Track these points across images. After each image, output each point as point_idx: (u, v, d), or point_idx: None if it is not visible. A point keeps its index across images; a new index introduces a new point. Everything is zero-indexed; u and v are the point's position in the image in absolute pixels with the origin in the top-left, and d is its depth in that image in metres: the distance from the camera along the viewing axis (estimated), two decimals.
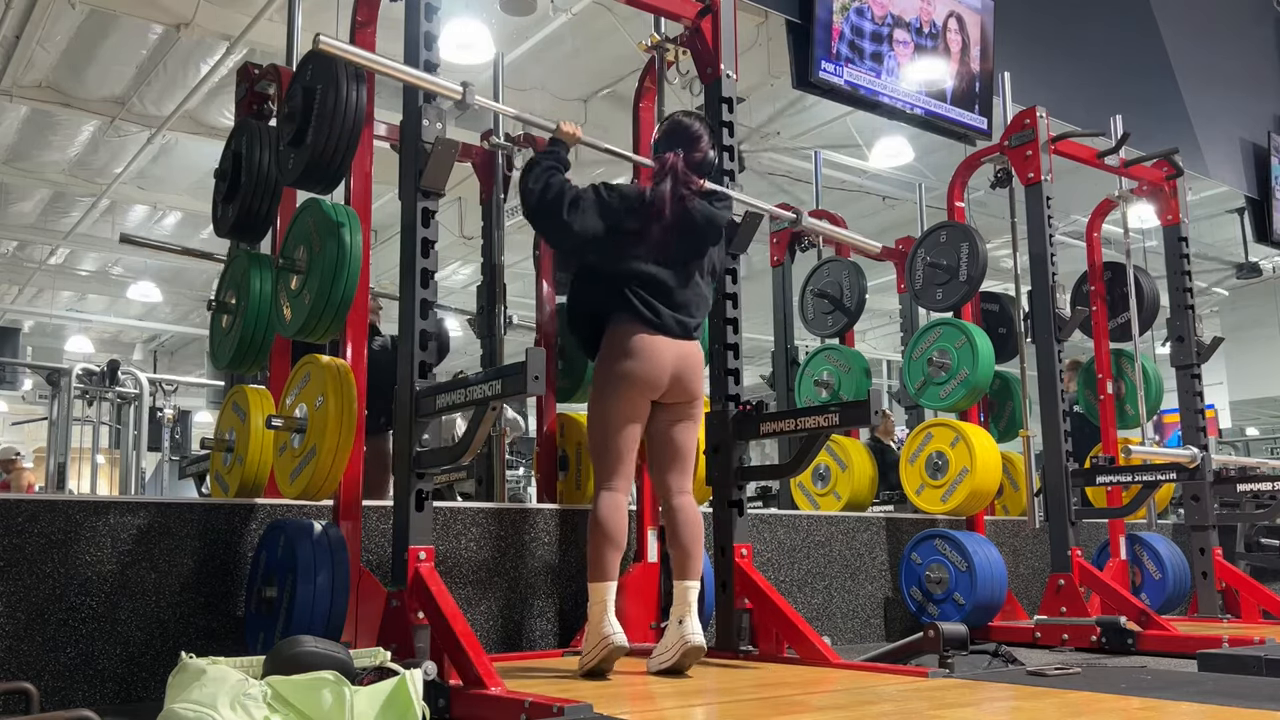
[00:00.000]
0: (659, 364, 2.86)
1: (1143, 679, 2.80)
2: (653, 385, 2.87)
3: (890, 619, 4.55)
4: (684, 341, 2.93)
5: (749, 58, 6.27)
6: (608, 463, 2.88)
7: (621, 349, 2.86)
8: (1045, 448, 4.28)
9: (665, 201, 2.91)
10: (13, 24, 6.76)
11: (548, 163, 2.93)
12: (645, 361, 2.84)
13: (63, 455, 8.18)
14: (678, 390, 2.92)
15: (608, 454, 2.88)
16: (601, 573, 2.79)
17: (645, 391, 2.87)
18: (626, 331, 2.87)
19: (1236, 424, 13.92)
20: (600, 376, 2.93)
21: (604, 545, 2.80)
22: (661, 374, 2.87)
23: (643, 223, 2.90)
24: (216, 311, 3.29)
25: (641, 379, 2.85)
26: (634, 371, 2.84)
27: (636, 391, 2.86)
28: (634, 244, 2.90)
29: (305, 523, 2.81)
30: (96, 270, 12.74)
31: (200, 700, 1.77)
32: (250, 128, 3.34)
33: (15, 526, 2.69)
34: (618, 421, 2.86)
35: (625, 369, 2.84)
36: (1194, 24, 7.30)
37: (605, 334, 2.91)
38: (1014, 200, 4.68)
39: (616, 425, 2.86)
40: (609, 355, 2.89)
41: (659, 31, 3.63)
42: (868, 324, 12.42)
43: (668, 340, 2.89)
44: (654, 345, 2.86)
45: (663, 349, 2.87)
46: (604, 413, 2.89)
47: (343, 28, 3.19)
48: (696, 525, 2.96)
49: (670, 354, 2.88)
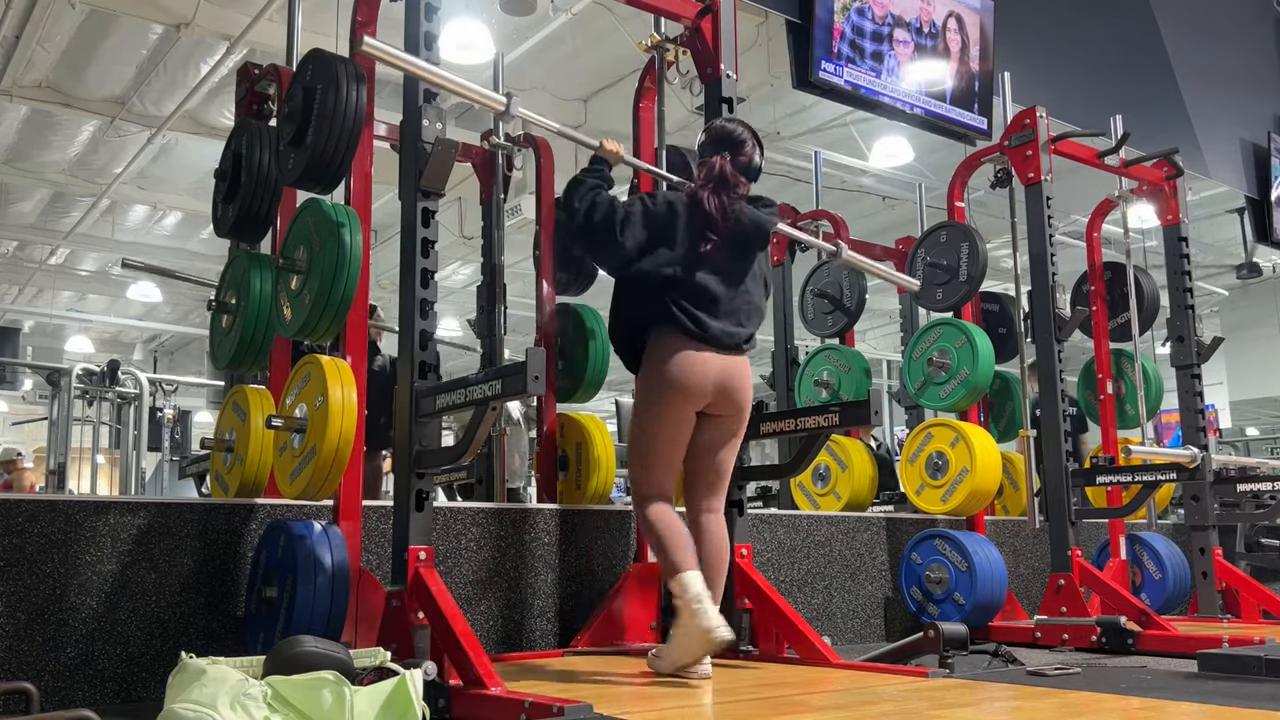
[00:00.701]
0: (703, 376, 2.78)
1: (1143, 679, 2.80)
2: (697, 397, 2.80)
3: (890, 619, 4.55)
4: (731, 354, 2.85)
5: (749, 58, 6.28)
6: (654, 476, 2.81)
7: (665, 361, 2.78)
8: (1045, 448, 4.27)
9: (714, 208, 2.85)
10: (13, 24, 6.76)
11: (592, 181, 2.87)
12: (689, 374, 2.77)
13: (63, 455, 8.18)
14: (723, 403, 2.85)
15: (653, 468, 2.81)
16: (677, 564, 2.68)
17: (690, 403, 2.80)
18: (670, 345, 2.79)
19: (1236, 424, 13.92)
20: (644, 389, 2.85)
21: (671, 541, 2.72)
22: (706, 386, 2.79)
23: (690, 231, 2.84)
24: (216, 311, 3.29)
25: (686, 391, 2.77)
26: (678, 383, 2.76)
27: (681, 403, 2.78)
28: (681, 252, 2.83)
29: (305, 523, 2.81)
30: (96, 270, 12.75)
31: (200, 700, 1.77)
32: (250, 128, 3.34)
33: (15, 526, 2.69)
34: (664, 435, 2.79)
35: (670, 381, 2.77)
36: (1194, 24, 7.30)
37: (649, 345, 2.84)
38: (1014, 200, 4.68)
39: (662, 439, 2.80)
40: (653, 368, 2.81)
41: (659, 31, 3.63)
42: (868, 324, 12.43)
43: (713, 354, 2.81)
44: (699, 359, 2.79)
45: (708, 362, 2.80)
46: (649, 426, 2.82)
47: (343, 27, 3.19)
48: (724, 546, 2.89)
49: (715, 366, 2.81)
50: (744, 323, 2.89)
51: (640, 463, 2.85)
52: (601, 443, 3.85)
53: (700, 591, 2.64)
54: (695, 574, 2.68)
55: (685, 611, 2.64)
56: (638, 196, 2.90)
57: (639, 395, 2.87)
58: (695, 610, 2.62)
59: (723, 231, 2.86)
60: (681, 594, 2.65)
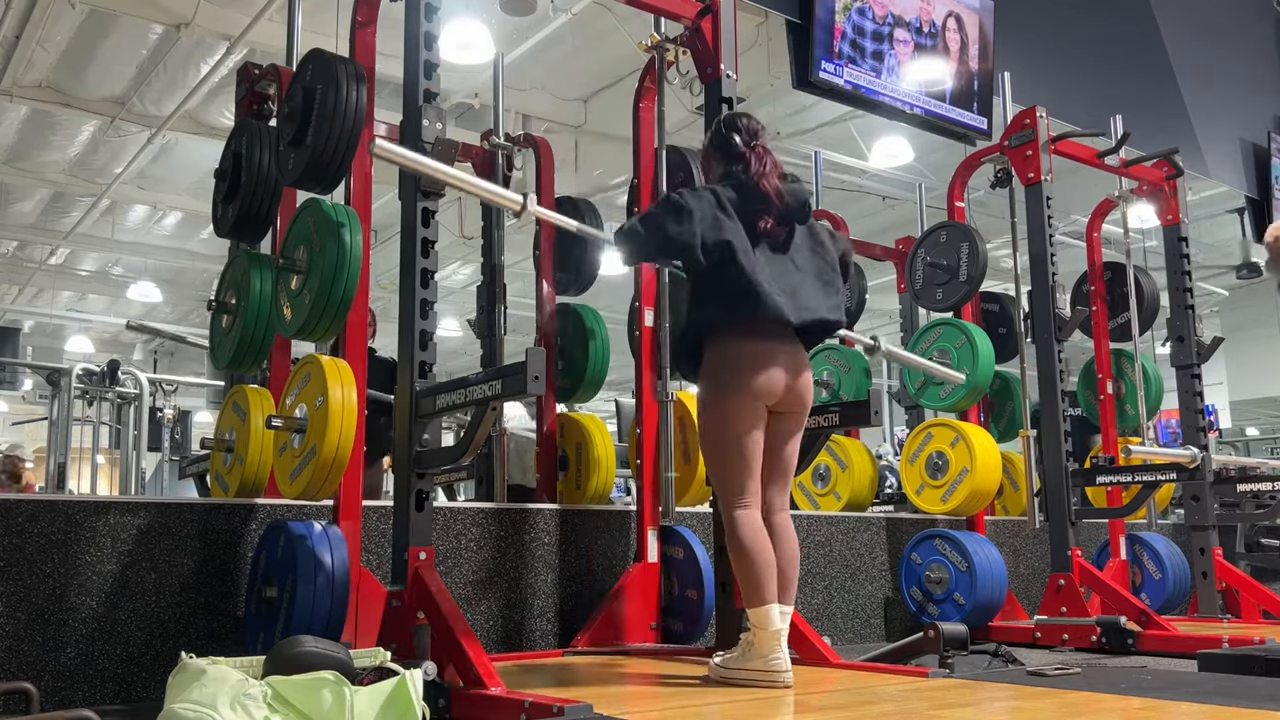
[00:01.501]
0: (775, 371, 2.68)
1: (1143, 679, 2.80)
2: (769, 393, 2.69)
3: (890, 619, 4.55)
4: (798, 347, 2.76)
5: (749, 58, 6.27)
6: (737, 478, 2.69)
7: (736, 356, 2.68)
8: (1045, 448, 4.27)
9: (774, 192, 2.73)
10: (13, 24, 6.76)
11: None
12: (763, 369, 2.67)
13: (63, 455, 8.18)
14: (791, 399, 2.75)
15: (735, 468, 2.69)
16: (761, 596, 2.61)
17: (762, 398, 2.69)
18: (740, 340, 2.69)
19: (1236, 424, 13.92)
20: (714, 386, 2.73)
21: (759, 568, 2.62)
22: (777, 382, 2.69)
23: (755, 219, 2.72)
24: (216, 311, 3.29)
25: (760, 387, 2.67)
26: (752, 378, 2.66)
27: (754, 398, 2.68)
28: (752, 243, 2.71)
29: (305, 523, 2.81)
30: (96, 270, 12.75)
31: (200, 700, 1.77)
32: (250, 128, 3.35)
33: (15, 526, 2.69)
34: (740, 431, 2.68)
35: (743, 375, 2.67)
36: (1194, 24, 7.30)
37: (715, 343, 2.72)
38: (1014, 200, 4.68)
39: (740, 436, 2.68)
40: (721, 364, 2.70)
41: (659, 31, 3.63)
42: (868, 324, 12.41)
43: (781, 345, 2.71)
44: (764, 352, 2.69)
45: (777, 354, 2.70)
46: (723, 424, 2.70)
47: (343, 28, 3.19)
48: (796, 550, 2.79)
49: (784, 360, 2.71)
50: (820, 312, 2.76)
51: (721, 465, 2.72)
52: (601, 443, 3.85)
53: (780, 630, 2.60)
54: (774, 608, 2.61)
55: (761, 644, 2.59)
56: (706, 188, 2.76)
57: (709, 391, 2.74)
58: (772, 647, 2.58)
59: (783, 217, 2.76)
60: (764, 626, 2.60)
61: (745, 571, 2.64)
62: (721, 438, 2.70)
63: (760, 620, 2.60)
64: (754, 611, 2.62)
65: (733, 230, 2.68)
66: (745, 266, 2.65)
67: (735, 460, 2.68)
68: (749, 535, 2.65)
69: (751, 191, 2.74)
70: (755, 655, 2.60)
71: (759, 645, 2.60)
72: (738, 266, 2.65)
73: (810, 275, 2.79)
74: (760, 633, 2.60)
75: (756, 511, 2.70)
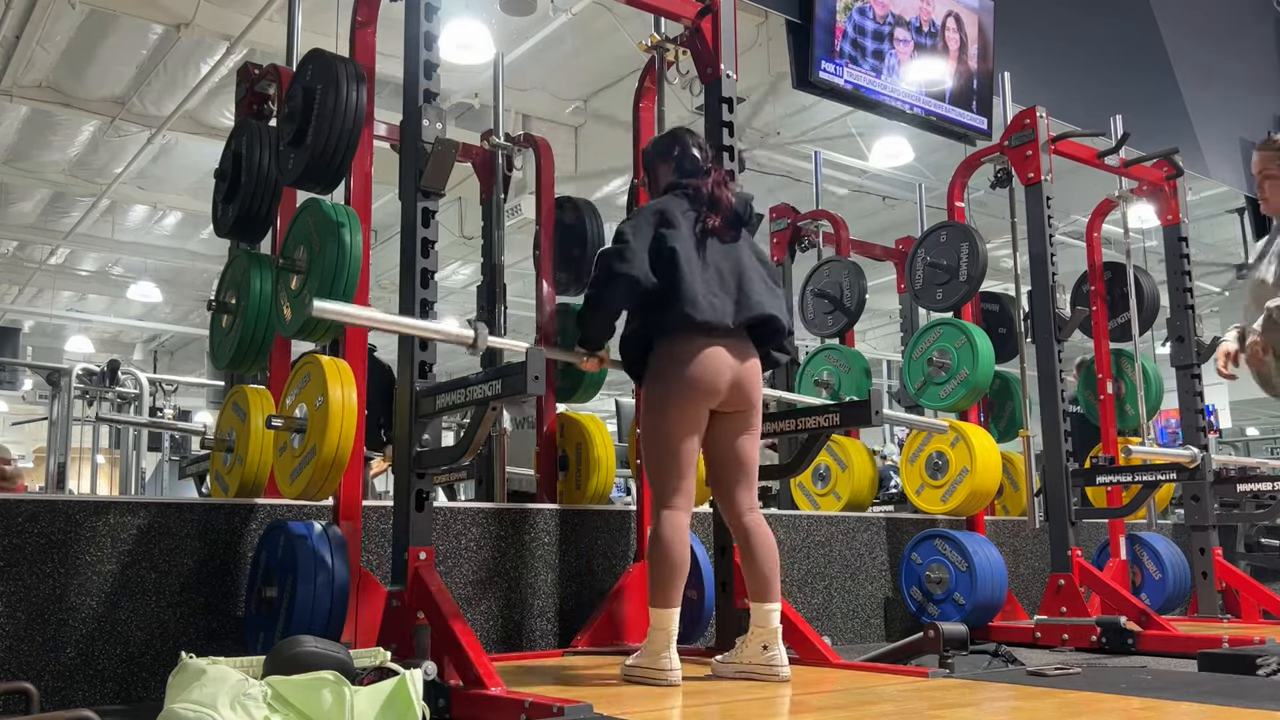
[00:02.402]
0: (718, 370, 2.72)
1: (1143, 679, 2.80)
2: (713, 392, 2.73)
3: (890, 619, 4.55)
4: (745, 345, 2.80)
5: (749, 58, 6.27)
6: (670, 480, 2.72)
7: (677, 356, 2.71)
8: (1045, 448, 4.27)
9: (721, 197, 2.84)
10: (13, 24, 6.77)
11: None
12: (703, 368, 2.70)
13: (63, 455, 8.18)
14: (738, 398, 2.78)
15: (669, 470, 2.72)
16: (666, 598, 2.65)
17: (706, 399, 2.73)
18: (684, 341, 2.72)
19: (1236, 424, 13.92)
20: (655, 387, 2.77)
21: (670, 571, 2.66)
22: (722, 381, 2.73)
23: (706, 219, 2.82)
24: (216, 311, 3.29)
25: (700, 386, 2.70)
26: (692, 378, 2.70)
27: (697, 400, 2.71)
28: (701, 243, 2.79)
29: (305, 523, 2.81)
30: (96, 270, 12.75)
31: (200, 700, 1.77)
32: (250, 128, 3.34)
33: (15, 526, 2.69)
34: (680, 433, 2.71)
35: (683, 376, 2.70)
36: (1194, 24, 7.30)
37: (661, 344, 2.76)
38: (1014, 200, 4.68)
39: (677, 438, 2.71)
40: (663, 364, 2.73)
41: (659, 31, 3.63)
42: (868, 324, 12.42)
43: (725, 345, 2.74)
44: (708, 352, 2.72)
45: (721, 355, 2.73)
46: (661, 425, 2.73)
47: (343, 28, 3.19)
48: (773, 545, 2.82)
49: (729, 359, 2.74)
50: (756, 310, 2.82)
51: (656, 466, 2.76)
52: (601, 443, 3.85)
53: (671, 630, 2.65)
54: (675, 612, 2.66)
55: (655, 644, 2.63)
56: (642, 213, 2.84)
57: (651, 392, 2.79)
58: (665, 647, 2.63)
59: (728, 222, 2.85)
60: (654, 624, 2.65)
61: (658, 571, 2.67)
62: (660, 438, 2.74)
63: (660, 621, 2.64)
64: (658, 612, 2.65)
65: (675, 237, 2.75)
66: (686, 273, 2.71)
67: (670, 462, 2.72)
68: (671, 536, 2.69)
69: (706, 199, 2.84)
70: (648, 654, 2.63)
71: (652, 645, 2.63)
72: (680, 272, 2.71)
73: (757, 277, 2.86)
74: (657, 633, 2.63)
75: (685, 515, 2.73)
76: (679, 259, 2.73)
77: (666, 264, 2.73)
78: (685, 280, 2.71)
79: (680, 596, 2.69)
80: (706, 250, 2.80)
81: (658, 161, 3.04)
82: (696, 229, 2.81)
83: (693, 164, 2.95)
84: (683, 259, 2.73)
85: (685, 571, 2.70)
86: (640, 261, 2.72)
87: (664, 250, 2.74)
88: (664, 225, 2.78)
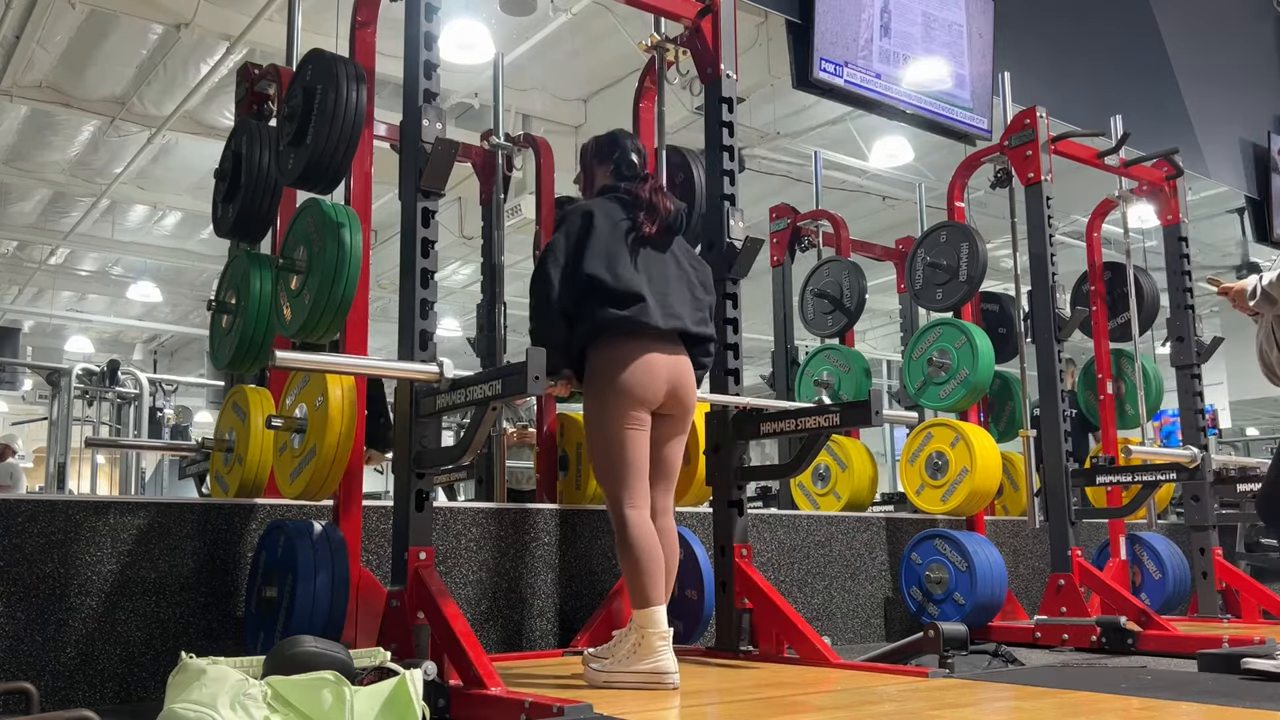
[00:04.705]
0: (654, 374, 2.74)
1: (1143, 679, 2.80)
2: (651, 396, 2.75)
3: (890, 619, 4.55)
4: (679, 349, 2.83)
5: (749, 58, 6.27)
6: (627, 480, 2.72)
7: (616, 360, 2.72)
8: (1045, 448, 4.27)
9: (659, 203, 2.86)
10: (13, 24, 6.77)
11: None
12: (640, 371, 2.72)
13: (63, 455, 8.18)
14: (673, 402, 2.81)
15: (624, 471, 2.72)
16: (649, 596, 2.63)
17: (645, 402, 2.75)
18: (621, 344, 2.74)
19: (1236, 424, 13.91)
20: (598, 391, 2.77)
21: (649, 568, 2.65)
22: (659, 384, 2.75)
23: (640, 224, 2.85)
24: (216, 311, 3.29)
25: (638, 391, 2.72)
26: (632, 383, 2.71)
27: (636, 402, 2.72)
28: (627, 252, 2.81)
29: (305, 523, 2.81)
30: (96, 270, 12.75)
31: (200, 700, 1.77)
32: (250, 128, 3.34)
33: (15, 526, 2.69)
34: (626, 434, 2.72)
35: (622, 380, 2.71)
36: (1194, 24, 7.30)
37: (598, 348, 2.76)
38: (1014, 200, 4.68)
39: (626, 439, 2.72)
40: (602, 369, 2.74)
41: (659, 31, 3.63)
42: (868, 324, 12.42)
43: (661, 348, 2.77)
44: (648, 356, 2.74)
45: (658, 357, 2.76)
46: (609, 427, 2.73)
47: (343, 28, 3.19)
48: (676, 550, 2.86)
49: (664, 363, 2.77)
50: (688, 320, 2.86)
51: (610, 469, 2.75)
52: None
53: (668, 631, 2.62)
54: (663, 609, 2.64)
55: (645, 646, 2.60)
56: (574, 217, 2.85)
57: (593, 399, 2.78)
58: (659, 649, 2.59)
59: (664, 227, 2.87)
60: (649, 627, 2.61)
61: (635, 572, 2.66)
62: (608, 441, 2.73)
63: (648, 621, 2.61)
64: (642, 613, 2.63)
65: (598, 249, 2.77)
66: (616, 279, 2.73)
67: (621, 463, 2.72)
68: (640, 536, 2.68)
69: (644, 204, 2.86)
70: (642, 658, 2.59)
71: (645, 647, 2.60)
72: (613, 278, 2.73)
73: (684, 285, 2.88)
74: (648, 633, 2.60)
75: (646, 512, 2.74)
76: (612, 265, 2.75)
77: (598, 269, 2.74)
78: (617, 286, 2.73)
79: (663, 593, 2.67)
80: (639, 256, 2.82)
81: (595, 163, 3.04)
82: (630, 235, 2.83)
83: (630, 169, 2.97)
84: (614, 265, 2.75)
85: (663, 567, 2.69)
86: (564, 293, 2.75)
87: (594, 257, 2.75)
88: (592, 231, 2.79)
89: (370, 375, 2.68)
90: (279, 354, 2.35)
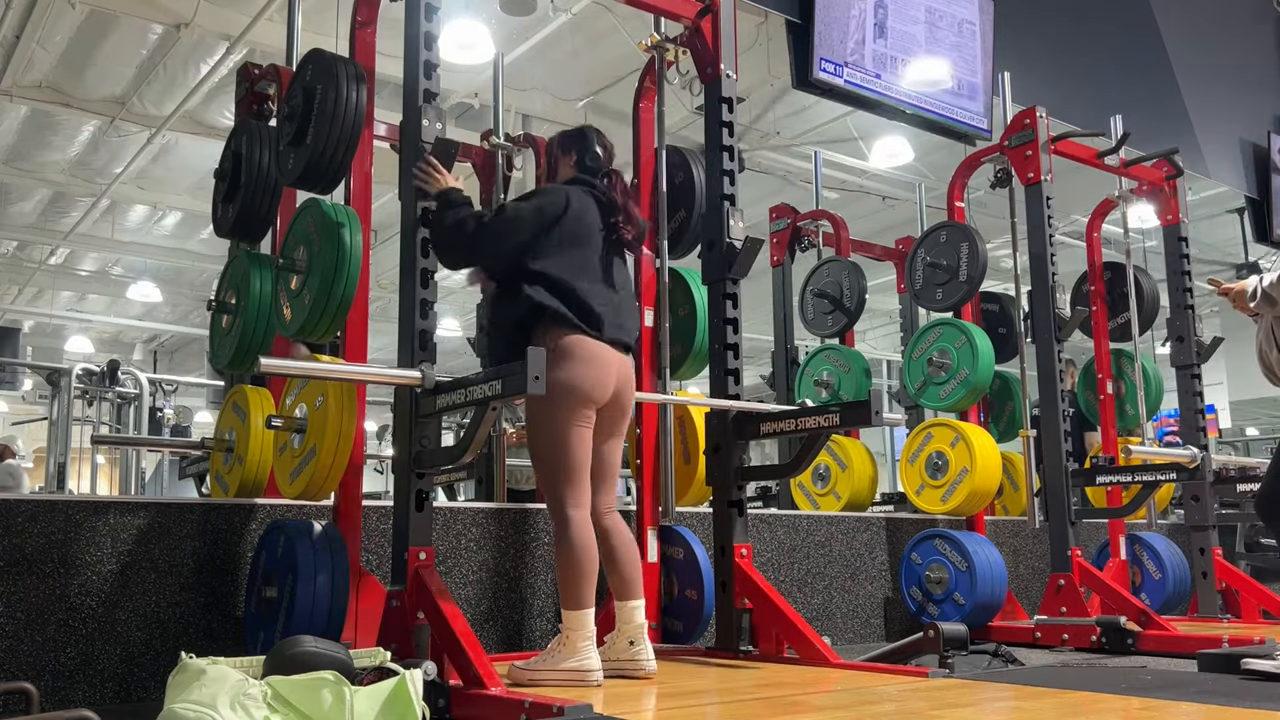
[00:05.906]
0: (605, 371, 2.74)
1: (1143, 679, 2.80)
2: (599, 396, 2.73)
3: (890, 619, 4.55)
4: (626, 351, 2.84)
5: (749, 58, 6.28)
6: (571, 479, 2.70)
7: (568, 355, 2.69)
8: (1045, 448, 4.27)
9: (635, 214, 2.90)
10: (13, 24, 6.76)
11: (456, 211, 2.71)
12: (594, 368, 2.71)
13: (63, 455, 8.18)
14: (614, 403, 2.81)
15: (568, 470, 2.69)
16: (581, 599, 2.64)
17: (593, 401, 2.73)
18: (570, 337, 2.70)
19: (1236, 424, 13.91)
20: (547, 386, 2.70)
21: (585, 572, 2.65)
22: (608, 382, 2.74)
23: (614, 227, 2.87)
24: (216, 311, 3.29)
25: (589, 387, 2.70)
26: (581, 378, 2.69)
27: (584, 400, 2.70)
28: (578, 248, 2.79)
29: (305, 523, 2.81)
30: (96, 270, 12.74)
31: (200, 700, 1.77)
32: (250, 128, 3.35)
33: (15, 526, 2.69)
34: (572, 433, 2.69)
35: (573, 376, 2.67)
36: (1194, 24, 7.29)
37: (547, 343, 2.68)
38: (1014, 200, 4.68)
39: (571, 438, 2.69)
40: (554, 363, 2.63)
41: (659, 31, 3.63)
42: (868, 324, 12.42)
43: (611, 347, 2.77)
44: (600, 352, 2.74)
45: (609, 355, 2.75)
46: (554, 425, 2.69)
47: (343, 28, 3.20)
48: (632, 544, 2.87)
49: (614, 361, 2.77)
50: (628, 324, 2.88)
51: (553, 468, 2.72)
52: None
53: (592, 631, 2.64)
54: (591, 612, 2.66)
55: (569, 646, 2.62)
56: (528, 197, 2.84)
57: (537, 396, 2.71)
58: (583, 649, 2.61)
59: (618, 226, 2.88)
60: (578, 629, 2.63)
61: (569, 573, 2.66)
62: (555, 438, 2.71)
63: (577, 623, 2.63)
64: (573, 614, 2.64)
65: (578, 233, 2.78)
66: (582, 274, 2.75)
67: (566, 461, 2.71)
68: (580, 537, 2.68)
69: (620, 210, 2.88)
70: (566, 656, 2.61)
71: (569, 647, 2.62)
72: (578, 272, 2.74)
73: (629, 294, 2.94)
74: (573, 634, 2.62)
75: (587, 512, 2.74)
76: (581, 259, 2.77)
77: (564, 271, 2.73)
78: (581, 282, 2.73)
79: (593, 596, 2.68)
80: (607, 256, 2.85)
81: (560, 153, 3.03)
82: (610, 236, 2.86)
83: (594, 161, 2.96)
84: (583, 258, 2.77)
85: (596, 569, 2.69)
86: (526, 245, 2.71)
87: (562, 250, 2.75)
88: (566, 215, 2.78)
89: (352, 381, 2.68)
90: (264, 360, 2.37)
